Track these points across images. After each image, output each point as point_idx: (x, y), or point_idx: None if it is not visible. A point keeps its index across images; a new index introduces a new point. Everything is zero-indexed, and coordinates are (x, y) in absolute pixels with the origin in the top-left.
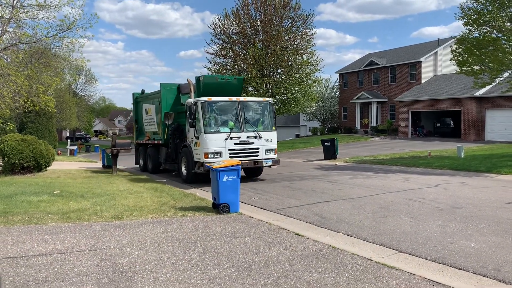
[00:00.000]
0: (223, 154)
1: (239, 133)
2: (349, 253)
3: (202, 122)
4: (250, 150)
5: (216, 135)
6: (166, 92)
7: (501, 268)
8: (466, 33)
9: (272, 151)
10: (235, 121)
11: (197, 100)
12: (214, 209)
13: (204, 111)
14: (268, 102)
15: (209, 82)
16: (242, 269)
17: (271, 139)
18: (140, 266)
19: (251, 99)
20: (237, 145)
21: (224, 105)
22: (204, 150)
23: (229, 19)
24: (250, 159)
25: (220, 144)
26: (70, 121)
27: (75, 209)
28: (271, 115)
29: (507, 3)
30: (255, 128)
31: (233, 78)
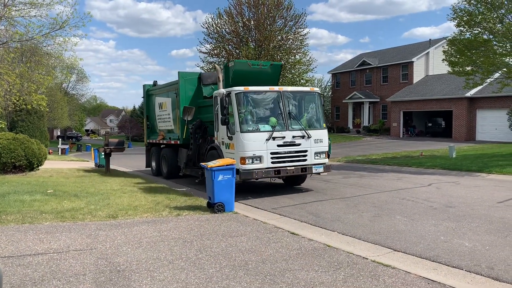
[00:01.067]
0: (264, 159)
1: (283, 131)
2: (345, 251)
3: (238, 118)
4: (297, 153)
5: (255, 135)
6: (185, 82)
7: (495, 266)
8: (458, 34)
9: (323, 154)
10: (277, 117)
11: (230, 91)
12: (209, 208)
13: (239, 104)
14: (316, 93)
15: (240, 70)
16: (239, 268)
17: (322, 139)
18: (137, 265)
19: (296, 89)
20: (281, 147)
21: (264, 97)
22: (240, 154)
23: (222, 18)
24: (297, 164)
25: (261, 146)
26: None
27: (69, 208)
28: (320, 108)
29: (498, 4)
30: (302, 126)
31: (269, 65)
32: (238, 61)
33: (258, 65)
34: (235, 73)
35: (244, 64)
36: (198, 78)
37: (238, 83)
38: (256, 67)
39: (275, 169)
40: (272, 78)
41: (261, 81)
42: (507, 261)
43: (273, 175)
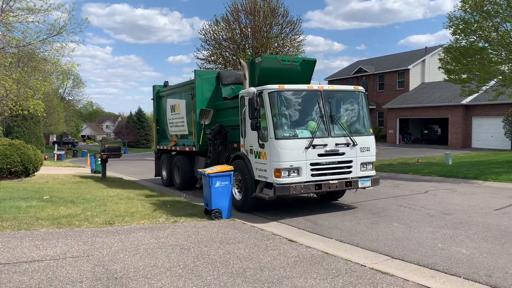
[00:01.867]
0: (303, 171)
1: (324, 138)
2: (343, 259)
3: (272, 122)
4: (340, 163)
5: (292, 142)
6: (202, 82)
7: (493, 274)
8: (454, 42)
9: (370, 165)
10: (317, 121)
11: (263, 90)
12: (206, 215)
13: (273, 105)
14: (361, 93)
15: (268, 66)
16: (237, 275)
17: (369, 147)
18: (135, 272)
19: (338, 87)
20: (322, 156)
21: (301, 97)
22: (274, 165)
23: (219, 25)
24: (341, 177)
25: (299, 155)
26: (57, 126)
27: (66, 215)
28: (366, 111)
29: (494, 13)
30: (346, 131)
31: (300, 61)
32: (266, 57)
33: (288, 61)
34: (263, 70)
35: (272, 60)
36: (216, 77)
37: (265, 81)
38: (286, 63)
39: (316, 183)
40: (303, 76)
41: (290, 79)
42: (505, 269)
43: (313, 190)
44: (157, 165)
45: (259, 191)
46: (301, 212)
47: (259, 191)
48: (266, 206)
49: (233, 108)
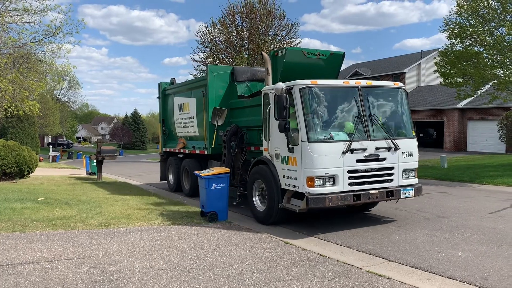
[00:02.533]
0: (340, 179)
1: (363, 141)
2: (339, 261)
3: (304, 123)
4: (381, 170)
5: (328, 146)
6: (215, 78)
7: (488, 277)
8: (449, 46)
9: (412, 172)
10: (355, 121)
11: (293, 85)
12: (202, 217)
13: (306, 103)
14: (402, 89)
15: (292, 61)
16: (233, 278)
17: (412, 152)
18: (130, 275)
19: (377, 83)
20: (360, 162)
21: (337, 94)
22: (307, 172)
23: (216, 28)
24: (381, 186)
25: (335, 161)
26: (53, 127)
27: (61, 217)
28: (407, 110)
29: (489, 18)
30: (388, 133)
31: (328, 54)
32: (291, 49)
33: (315, 55)
34: (287, 65)
35: (297, 53)
36: (230, 74)
37: (289, 77)
38: (312, 56)
39: (354, 193)
40: (330, 71)
41: (316, 75)
42: (500, 272)
43: (351, 201)
44: (163, 168)
45: (286, 201)
46: (296, 215)
47: (287, 201)
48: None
49: (250, 107)
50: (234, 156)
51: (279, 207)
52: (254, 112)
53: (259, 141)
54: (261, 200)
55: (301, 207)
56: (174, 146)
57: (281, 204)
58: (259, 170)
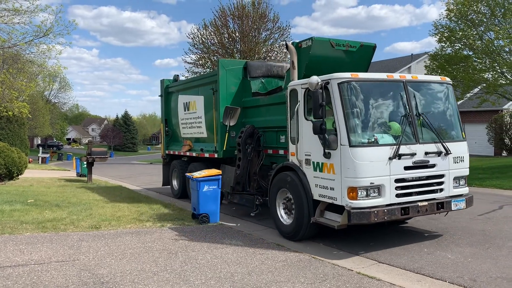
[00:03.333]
0: (386, 190)
1: (411, 145)
2: (330, 263)
3: (344, 123)
4: (429, 179)
5: (373, 151)
6: (227, 74)
7: (477, 278)
8: (439, 50)
9: (463, 180)
10: (402, 122)
11: (330, 79)
12: (194, 219)
13: (345, 100)
14: (449, 85)
15: (318, 54)
16: (225, 280)
17: (463, 157)
18: (121, 277)
19: (424, 77)
20: (409, 169)
21: (380, 90)
22: (349, 182)
23: (208, 29)
24: (431, 197)
25: (381, 168)
26: (42, 128)
27: (51, 219)
28: (455, 108)
29: (478, 22)
30: (438, 136)
31: (358, 45)
32: (318, 39)
33: (344, 46)
34: (313, 58)
35: (324, 44)
36: (243, 69)
37: (313, 71)
38: (341, 48)
39: (402, 206)
40: (360, 65)
41: (344, 69)
42: (489, 273)
43: (398, 215)
44: (166, 172)
45: (319, 215)
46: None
47: (319, 215)
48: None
49: (267, 106)
50: (250, 160)
51: (311, 222)
52: (272, 111)
53: (278, 144)
54: (286, 213)
55: (340, 222)
56: (179, 148)
57: (314, 218)
58: (285, 178)
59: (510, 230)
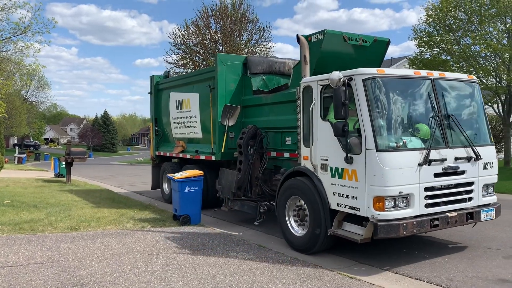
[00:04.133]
0: (415, 199)
1: (441, 150)
2: (311, 264)
3: (370, 125)
4: (459, 187)
5: (402, 156)
6: (226, 70)
7: (453, 278)
8: (418, 54)
9: (491, 188)
10: (431, 124)
11: (353, 75)
12: (175, 220)
13: (371, 99)
14: (477, 84)
15: (330, 49)
16: (206, 281)
17: (492, 163)
18: (102, 279)
19: (452, 75)
20: (439, 176)
21: (407, 87)
22: (375, 191)
23: (189, 30)
24: (459, 207)
25: (410, 175)
26: (19, 128)
27: (28, 220)
28: (483, 110)
29: (455, 27)
30: (468, 139)
31: (372, 40)
32: (330, 33)
33: (357, 40)
34: (324, 53)
35: (337, 38)
36: (243, 65)
37: (324, 68)
38: (354, 42)
39: (431, 217)
40: (373, 62)
41: (356, 65)
42: (465, 273)
43: (428, 228)
44: (155, 175)
45: (337, 226)
46: (271, 217)
47: (337, 226)
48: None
49: (271, 105)
50: (252, 164)
51: (329, 234)
52: (277, 111)
53: (283, 146)
54: (299, 223)
55: (363, 236)
56: (170, 149)
57: (332, 230)
58: (297, 185)
59: (485, 231)
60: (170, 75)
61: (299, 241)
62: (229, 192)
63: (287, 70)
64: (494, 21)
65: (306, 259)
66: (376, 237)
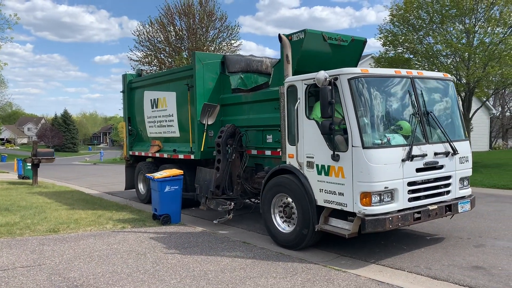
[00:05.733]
0: (399, 194)
1: (422, 146)
2: (298, 258)
3: (356, 123)
4: (437, 181)
5: (386, 152)
6: (204, 68)
7: (432, 267)
8: (383, 53)
9: (466, 181)
10: (411, 121)
11: (339, 74)
12: (155, 220)
13: (356, 97)
14: (452, 82)
15: (311, 48)
16: (199, 278)
17: (467, 157)
18: (95, 280)
19: (430, 74)
20: (420, 171)
21: (389, 86)
22: (362, 186)
23: (154, 27)
24: (439, 200)
25: (394, 171)
26: None
27: (3, 223)
28: (458, 107)
29: (418, 27)
30: (446, 135)
31: (350, 40)
32: (310, 32)
33: (336, 40)
34: (304, 52)
35: (317, 37)
36: (221, 63)
37: (305, 66)
38: (333, 42)
39: (414, 211)
40: (350, 61)
41: (335, 64)
42: (441, 261)
43: (411, 221)
44: (129, 175)
45: (323, 222)
46: (249, 215)
47: (324, 222)
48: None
49: (251, 103)
50: (230, 162)
51: (316, 230)
52: (257, 109)
53: (264, 144)
54: (284, 220)
55: (351, 231)
56: (146, 149)
57: (319, 226)
58: (285, 182)
59: (454, 221)
60: (143, 73)
61: (287, 237)
62: (207, 191)
63: (265, 68)
64: (453, 21)
65: (291, 253)
66: (363, 232)
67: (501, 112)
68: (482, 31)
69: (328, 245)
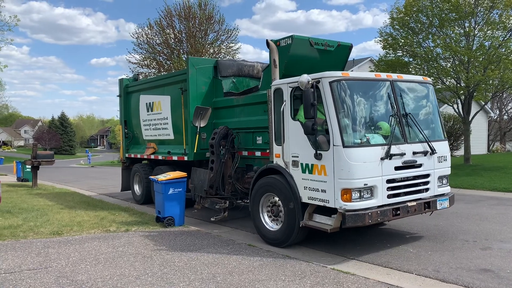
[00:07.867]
0: (378, 191)
1: (401, 145)
2: (304, 261)
3: (337, 123)
4: (416, 179)
5: (366, 151)
6: (197, 73)
7: (440, 269)
8: (383, 56)
9: (445, 179)
10: (390, 121)
11: (320, 78)
12: (158, 222)
13: (337, 99)
14: (431, 85)
15: (298, 53)
16: (208, 281)
17: (445, 156)
18: (103, 282)
19: (409, 77)
20: (399, 170)
21: (369, 89)
22: (343, 184)
23: (153, 29)
24: (418, 197)
25: (374, 169)
26: None
27: (6, 226)
28: (437, 108)
29: (418, 30)
30: (424, 135)
31: (336, 45)
32: (297, 38)
33: (322, 45)
34: (292, 57)
35: (304, 43)
36: (213, 68)
37: (293, 70)
38: (319, 47)
39: (393, 207)
40: (337, 65)
41: (322, 68)
42: (449, 264)
43: (390, 216)
44: (126, 177)
45: (308, 218)
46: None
47: (308, 218)
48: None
49: (242, 106)
50: (224, 163)
51: (301, 226)
52: (248, 112)
53: (254, 145)
54: (272, 219)
55: (332, 226)
56: (141, 151)
57: (303, 222)
58: (272, 182)
59: (459, 224)
60: (139, 78)
61: (274, 235)
62: (201, 190)
63: (256, 73)
64: (452, 25)
65: (298, 256)
66: (344, 226)
67: (499, 115)
68: (481, 34)
69: (334, 248)
